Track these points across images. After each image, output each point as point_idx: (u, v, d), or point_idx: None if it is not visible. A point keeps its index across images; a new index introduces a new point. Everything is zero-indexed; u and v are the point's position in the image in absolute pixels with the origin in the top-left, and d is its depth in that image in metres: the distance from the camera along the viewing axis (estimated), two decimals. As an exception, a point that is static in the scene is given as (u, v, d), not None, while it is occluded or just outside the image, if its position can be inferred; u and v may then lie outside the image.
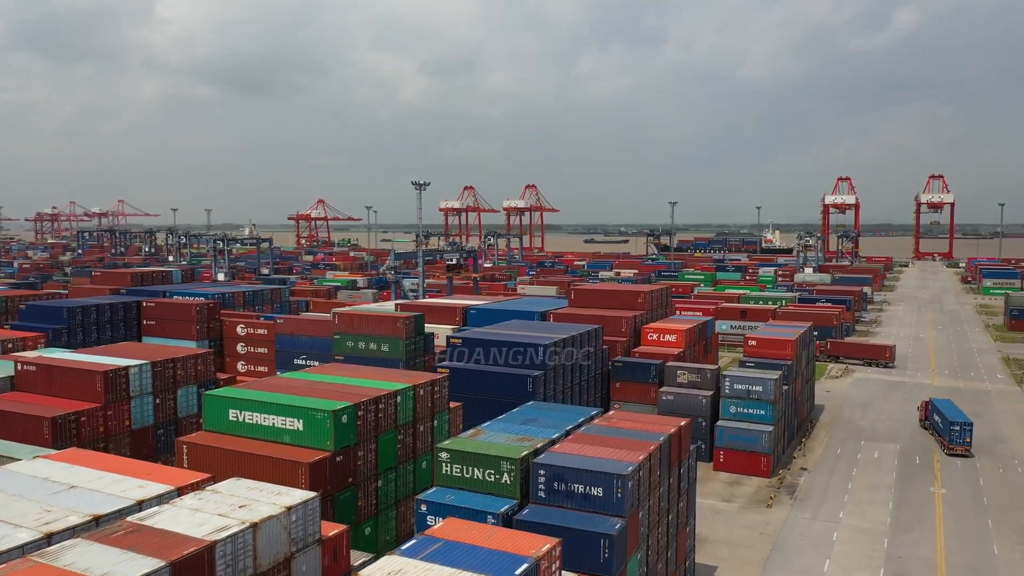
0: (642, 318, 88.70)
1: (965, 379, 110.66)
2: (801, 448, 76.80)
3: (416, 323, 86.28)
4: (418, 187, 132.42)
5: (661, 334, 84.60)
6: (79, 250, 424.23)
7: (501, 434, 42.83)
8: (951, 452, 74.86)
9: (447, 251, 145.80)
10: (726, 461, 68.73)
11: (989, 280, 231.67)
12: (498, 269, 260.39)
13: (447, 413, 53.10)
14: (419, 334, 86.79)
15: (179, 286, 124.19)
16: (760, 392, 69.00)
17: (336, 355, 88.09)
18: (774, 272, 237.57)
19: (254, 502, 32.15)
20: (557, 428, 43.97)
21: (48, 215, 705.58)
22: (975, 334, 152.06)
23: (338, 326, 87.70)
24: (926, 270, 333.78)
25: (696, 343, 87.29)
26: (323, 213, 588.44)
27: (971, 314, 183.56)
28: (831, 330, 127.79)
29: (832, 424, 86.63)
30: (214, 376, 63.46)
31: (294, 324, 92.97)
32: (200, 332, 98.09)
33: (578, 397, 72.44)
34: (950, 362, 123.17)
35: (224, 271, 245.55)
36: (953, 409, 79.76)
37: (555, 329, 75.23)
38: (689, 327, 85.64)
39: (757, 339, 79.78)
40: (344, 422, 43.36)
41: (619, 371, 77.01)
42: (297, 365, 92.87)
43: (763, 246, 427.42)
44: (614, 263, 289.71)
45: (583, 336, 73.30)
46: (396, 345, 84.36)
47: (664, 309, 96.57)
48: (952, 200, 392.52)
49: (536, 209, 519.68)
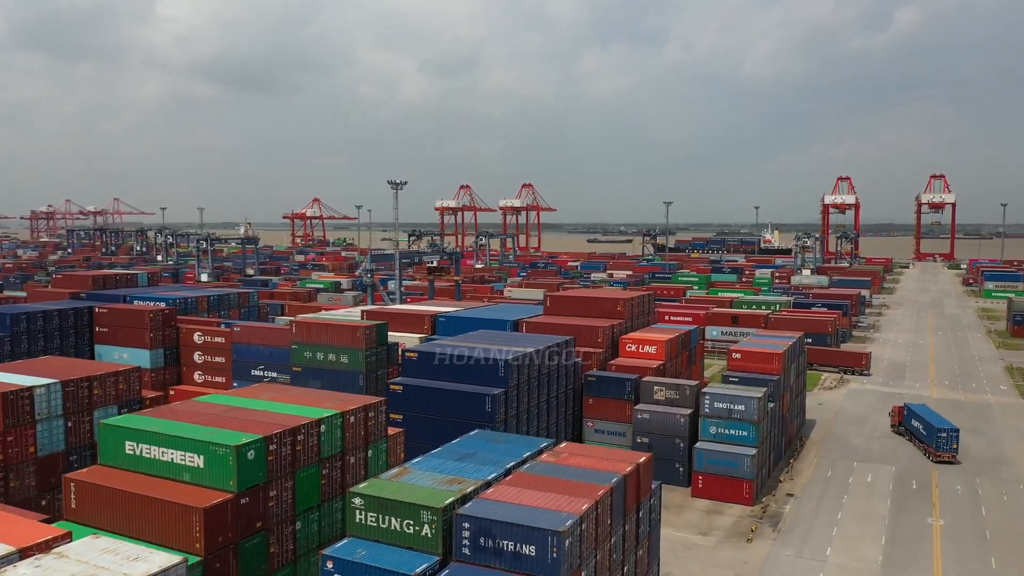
0: (621, 327, 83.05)
1: (966, 390, 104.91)
2: (789, 470, 71.12)
3: (378, 332, 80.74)
4: (394, 186, 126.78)
5: (640, 345, 78.94)
6: (68, 249, 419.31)
7: (430, 473, 37.20)
8: (937, 459, 73.54)
9: (427, 253, 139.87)
10: (705, 487, 63.05)
11: (991, 283, 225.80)
12: (488, 270, 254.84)
13: (385, 441, 47.49)
14: (381, 344, 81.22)
15: (143, 290, 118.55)
16: (742, 412, 63.32)
17: (294, 366, 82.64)
18: (771, 274, 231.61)
19: (102, 571, 26.50)
20: (497, 465, 38.33)
21: (43, 213, 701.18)
22: (976, 341, 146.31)
23: (295, 335, 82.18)
24: (927, 271, 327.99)
25: (679, 354, 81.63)
26: (319, 212, 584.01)
27: (973, 319, 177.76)
28: (826, 337, 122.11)
29: (823, 441, 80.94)
30: (139, 395, 57.76)
31: (251, 332, 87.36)
32: (154, 340, 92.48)
33: (546, 416, 66.80)
34: (950, 371, 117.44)
35: (208, 272, 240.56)
36: (933, 414, 78.56)
37: (522, 341, 69.57)
38: (671, 337, 79.98)
39: (742, 352, 74.00)
40: (251, 458, 37.71)
41: (592, 386, 71.37)
42: (255, 376, 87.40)
43: (762, 246, 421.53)
44: (608, 264, 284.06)
45: (551, 349, 67.65)
46: (356, 356, 78.85)
47: (646, 317, 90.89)
48: (953, 200, 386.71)
49: (533, 208, 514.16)
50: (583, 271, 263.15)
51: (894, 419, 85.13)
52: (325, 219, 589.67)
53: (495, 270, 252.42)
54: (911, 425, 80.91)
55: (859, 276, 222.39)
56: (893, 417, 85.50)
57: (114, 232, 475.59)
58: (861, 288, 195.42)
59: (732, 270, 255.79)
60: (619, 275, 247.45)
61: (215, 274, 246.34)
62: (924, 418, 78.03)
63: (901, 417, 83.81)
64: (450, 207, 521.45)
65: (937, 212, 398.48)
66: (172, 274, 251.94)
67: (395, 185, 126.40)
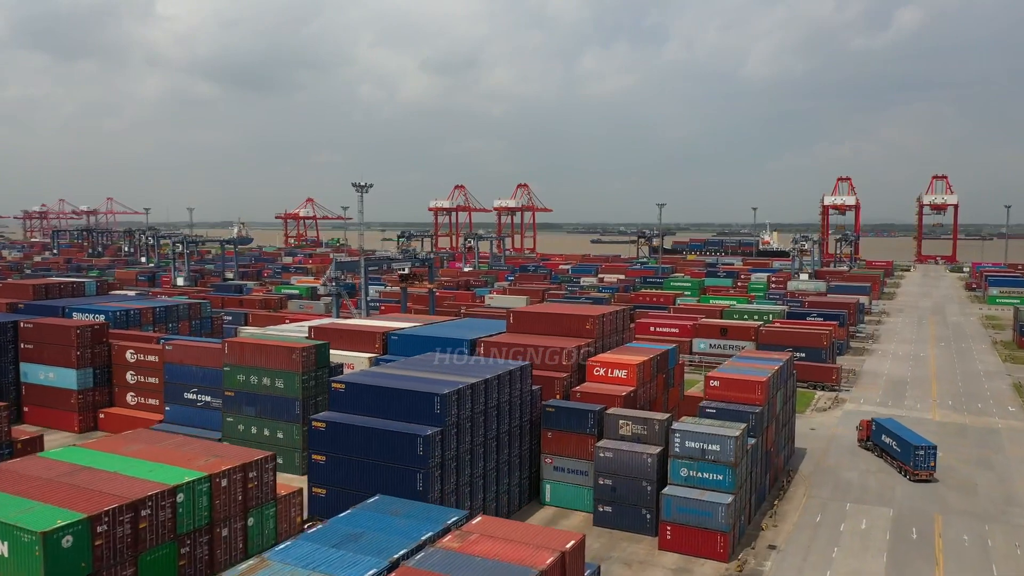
0: (590, 348, 74.93)
1: (971, 412, 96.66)
2: (772, 513, 62.98)
3: (317, 354, 72.96)
4: (359, 189, 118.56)
5: (609, 369, 70.78)
6: (54, 250, 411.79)
7: (293, 569, 29.08)
8: (915, 478, 70.96)
9: (398, 259, 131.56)
10: (674, 539, 54.88)
11: (995, 288, 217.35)
12: (476, 274, 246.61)
13: (273, 505, 39.39)
14: (322, 367, 73.45)
15: (87, 300, 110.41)
16: (717, 452, 55.17)
17: (226, 390, 74.68)
18: (766, 279, 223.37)
19: None
20: (382, 555, 30.28)
21: (37, 213, 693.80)
22: (981, 353, 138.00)
23: (227, 356, 74.42)
24: (928, 275, 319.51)
25: (653, 378, 73.46)
26: (312, 212, 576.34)
27: (976, 327, 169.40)
28: (820, 352, 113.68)
29: (814, 476, 72.75)
30: (7, 436, 49.71)
31: (183, 351, 79.47)
32: (82, 359, 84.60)
33: (495, 455, 58.69)
34: (953, 389, 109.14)
35: (184, 275, 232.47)
36: (906, 430, 76.47)
37: (472, 368, 61.51)
38: (644, 360, 71.81)
39: (721, 378, 65.68)
40: (67, 546, 29.60)
41: (551, 418, 63.21)
42: (188, 400, 79.41)
43: (760, 247, 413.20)
44: (600, 267, 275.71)
45: (502, 378, 59.54)
46: (291, 381, 71.17)
47: (620, 335, 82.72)
48: (956, 202, 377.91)
49: (528, 209, 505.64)
50: (574, 275, 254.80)
51: (861, 434, 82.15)
52: (319, 219, 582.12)
53: (481, 274, 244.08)
54: (881, 441, 78.20)
55: (858, 282, 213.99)
56: (860, 432, 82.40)
57: (102, 233, 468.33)
58: (860, 295, 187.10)
59: (727, 274, 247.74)
60: (610, 279, 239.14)
61: (193, 278, 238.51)
62: (897, 434, 75.20)
63: (869, 432, 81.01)
64: (444, 207, 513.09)
65: (939, 213, 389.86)
66: (149, 277, 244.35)
67: (360, 188, 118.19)
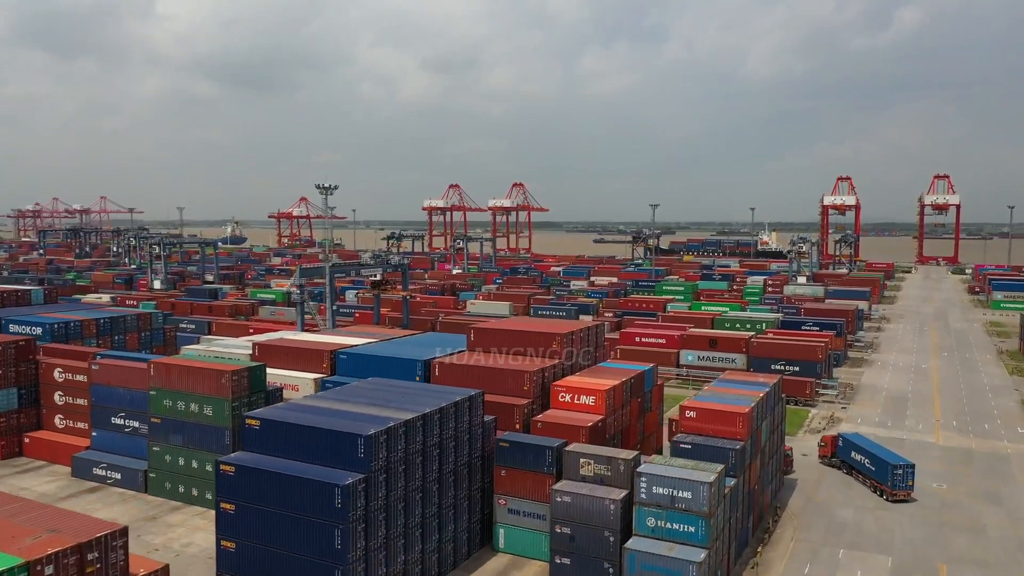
0: (556, 370, 67.57)
1: (977, 434, 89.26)
2: (755, 562, 55.65)
3: (251, 377, 65.70)
4: (323, 191, 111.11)
5: (575, 395, 63.45)
6: (40, 250, 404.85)
7: None
8: (894, 498, 67.77)
9: (369, 265, 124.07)
10: (639, 600, 47.54)
11: (999, 293, 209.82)
12: (463, 276, 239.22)
13: (125, 591, 31.94)
14: (257, 391, 66.18)
15: (31, 310, 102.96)
16: (689, 501, 47.82)
17: (152, 416, 67.45)
18: (763, 283, 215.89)
19: None
20: None
21: (30, 211, 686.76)
22: (987, 364, 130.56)
23: (154, 379, 67.28)
24: (930, 277, 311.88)
25: (626, 403, 66.14)
26: (306, 211, 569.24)
27: (980, 335, 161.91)
28: (815, 366, 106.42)
29: (804, 513, 65.40)
30: None
31: (110, 371, 72.21)
32: (5, 378, 77.27)
33: (436, 498, 51.35)
34: (958, 407, 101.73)
35: (161, 278, 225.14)
36: (879, 447, 73.52)
37: (413, 399, 54.18)
38: (615, 384, 64.52)
39: (697, 409, 58.21)
40: None
41: (505, 454, 55.81)
42: (115, 426, 72.05)
43: (759, 248, 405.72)
44: (593, 269, 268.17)
45: (446, 411, 52.22)
46: (221, 408, 63.93)
47: (593, 353, 75.25)
48: (958, 202, 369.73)
49: (523, 208, 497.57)
50: (565, 278, 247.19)
51: (824, 450, 78.53)
52: (312, 218, 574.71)
53: (469, 277, 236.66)
54: (850, 458, 74.40)
55: (857, 286, 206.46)
56: (823, 448, 78.73)
57: (90, 233, 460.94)
58: (859, 300, 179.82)
59: (723, 277, 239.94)
60: (601, 282, 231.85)
61: (171, 281, 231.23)
62: (871, 451, 71.66)
63: (833, 448, 77.37)
64: (438, 207, 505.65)
65: (941, 214, 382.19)
66: (126, 280, 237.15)
67: (324, 190, 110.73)
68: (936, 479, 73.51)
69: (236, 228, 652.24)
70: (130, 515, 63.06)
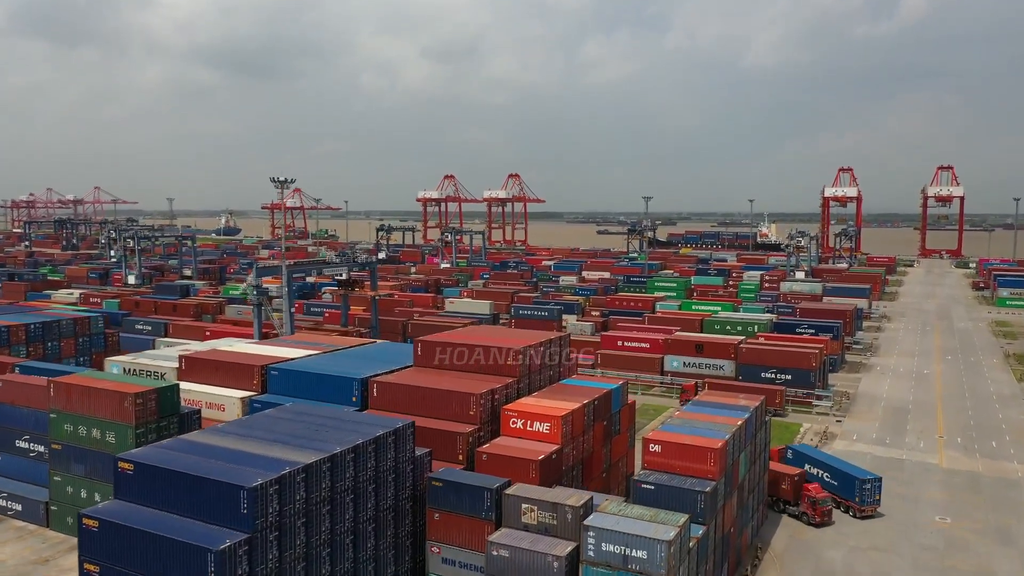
0: (508, 390, 59.70)
1: (984, 453, 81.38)
2: (729, 619, 47.96)
3: (160, 400, 57.89)
4: (278, 184, 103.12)
5: (528, 421, 55.57)
6: (26, 242, 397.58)
7: None
8: (862, 515, 64.20)
9: (334, 263, 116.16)
10: None
11: (1005, 289, 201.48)
12: (448, 271, 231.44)
13: None
14: (167, 415, 58.51)
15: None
16: (644, 561, 40.08)
17: (52, 442, 59.68)
18: (759, 278, 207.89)
19: None
20: None
21: (24, 202, 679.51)
22: (993, 369, 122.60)
23: (54, 399, 59.45)
24: (933, 271, 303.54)
25: (587, 429, 58.28)
26: (299, 202, 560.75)
27: (986, 336, 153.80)
28: (808, 375, 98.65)
29: (788, 554, 57.69)
30: None
31: (12, 389, 64.48)
32: (-96, 394, 69.47)
33: (352, 552, 43.59)
34: (963, 420, 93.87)
35: (136, 273, 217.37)
36: (836, 459, 69.97)
37: (330, 432, 46.39)
38: (575, 407, 56.64)
39: (663, 442, 50.26)
40: None
41: (438, 495, 47.95)
42: (20, 449, 63.99)
43: (758, 240, 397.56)
44: (585, 263, 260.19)
45: (363, 449, 44.43)
46: (124, 435, 56.40)
47: (556, 369, 67.34)
48: (962, 193, 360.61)
49: (519, 200, 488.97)
50: (555, 272, 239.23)
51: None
52: (307, 209, 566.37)
53: (454, 272, 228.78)
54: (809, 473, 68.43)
55: (857, 282, 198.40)
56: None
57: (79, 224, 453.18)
58: (858, 298, 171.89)
59: (718, 271, 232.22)
60: (592, 277, 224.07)
61: (148, 275, 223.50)
62: (830, 465, 67.38)
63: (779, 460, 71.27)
64: (432, 198, 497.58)
65: (944, 206, 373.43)
66: (101, 275, 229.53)
67: (279, 183, 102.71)
68: (939, 510, 65.74)
69: (230, 219, 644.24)
70: (20, 556, 55.69)
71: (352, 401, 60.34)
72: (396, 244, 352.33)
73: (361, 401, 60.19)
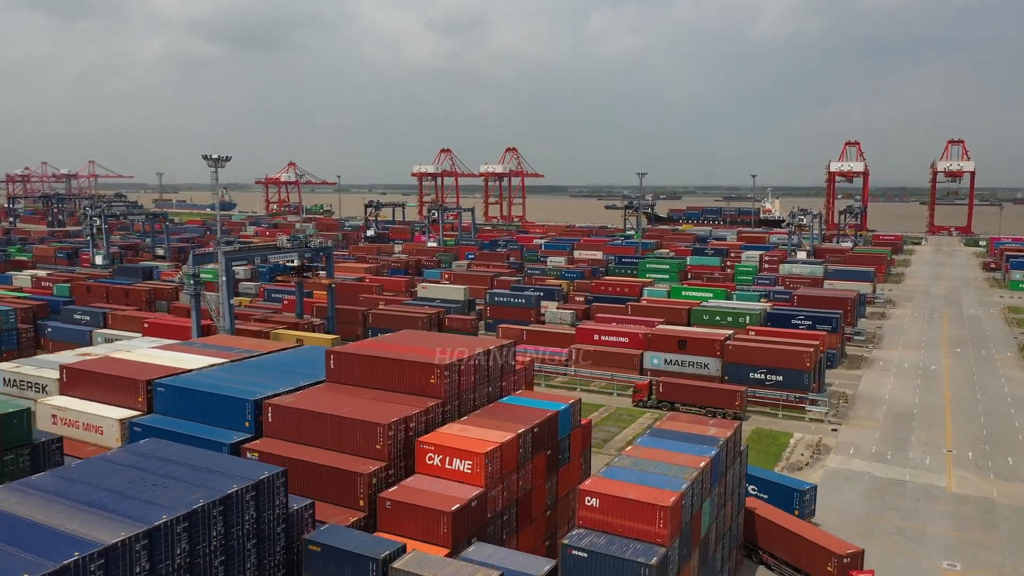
0: (428, 416, 49.51)
1: (999, 473, 71.23)
2: None
3: (5, 428, 48.00)
4: (212, 163, 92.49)
5: (447, 457, 45.49)
6: (12, 219, 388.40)
7: None
8: None
9: (284, 250, 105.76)
10: None
11: (1019, 272, 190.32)
12: (431, 252, 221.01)
13: None
14: (18, 446, 48.60)
15: None
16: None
17: None
18: (759, 259, 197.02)
19: None
20: None
21: (19, 176, 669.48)
22: (1006, 365, 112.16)
23: None
24: (941, 249, 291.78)
25: (524, 464, 48.16)
26: (294, 177, 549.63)
27: (999, 325, 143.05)
28: (802, 376, 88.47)
29: (765, 615, 47.81)
30: None
31: None
32: None
33: (184, 650, 33.61)
34: (974, 429, 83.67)
35: (104, 253, 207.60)
36: (763, 470, 63.97)
37: (180, 481, 36.38)
38: (507, 439, 46.51)
39: (601, 496, 40.02)
40: None
41: (316, 564, 38.05)
42: None
43: (761, 216, 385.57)
44: (578, 241, 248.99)
45: (201, 514, 34.40)
46: (-45, 472, 46.00)
47: (496, 383, 57.09)
48: (972, 168, 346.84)
49: (517, 174, 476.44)
50: (545, 251, 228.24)
51: None
52: (301, 184, 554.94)
53: (437, 252, 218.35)
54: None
55: (861, 264, 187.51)
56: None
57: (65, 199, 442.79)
58: (861, 281, 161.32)
59: (716, 251, 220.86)
60: (584, 258, 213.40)
61: (118, 255, 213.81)
62: (760, 477, 61.27)
63: None
64: (428, 172, 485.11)
65: (955, 181, 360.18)
66: (69, 255, 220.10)
67: (213, 161, 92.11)
68: (947, 553, 55.69)
69: (224, 194, 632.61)
70: None
71: (245, 427, 50.42)
72: (387, 221, 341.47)
73: (255, 427, 50.27)
